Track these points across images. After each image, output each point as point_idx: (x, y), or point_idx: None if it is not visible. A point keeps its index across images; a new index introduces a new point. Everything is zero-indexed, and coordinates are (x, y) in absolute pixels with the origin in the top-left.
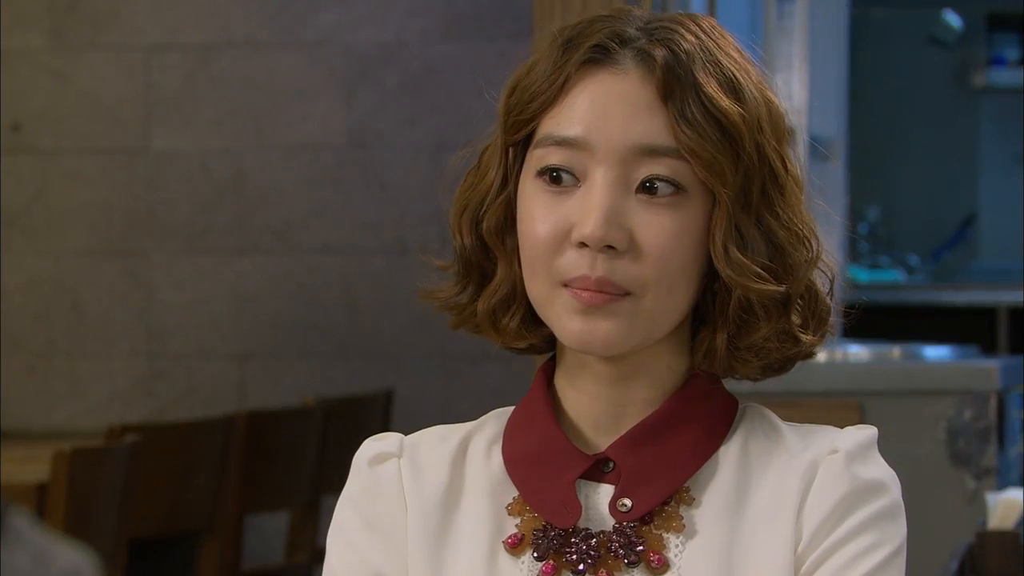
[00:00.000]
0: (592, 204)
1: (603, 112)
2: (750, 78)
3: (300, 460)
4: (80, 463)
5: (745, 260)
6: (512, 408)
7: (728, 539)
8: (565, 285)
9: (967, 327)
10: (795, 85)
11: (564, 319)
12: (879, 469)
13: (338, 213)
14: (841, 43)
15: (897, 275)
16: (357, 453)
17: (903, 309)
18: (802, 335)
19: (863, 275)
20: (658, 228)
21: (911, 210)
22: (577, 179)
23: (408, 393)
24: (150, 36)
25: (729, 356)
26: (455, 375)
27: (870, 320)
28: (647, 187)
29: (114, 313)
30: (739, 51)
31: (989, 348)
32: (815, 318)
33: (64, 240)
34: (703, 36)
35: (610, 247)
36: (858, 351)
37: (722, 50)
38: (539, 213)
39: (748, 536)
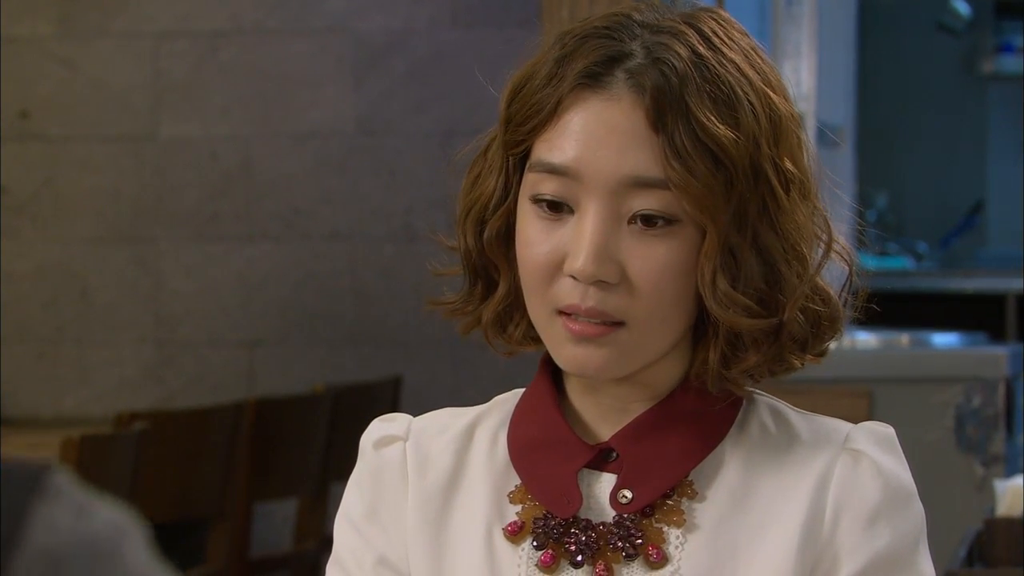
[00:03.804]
0: (583, 238)
1: (594, 141)
2: (751, 86)
3: (309, 447)
4: (89, 450)
5: (734, 293)
6: (521, 391)
7: (732, 535)
8: (560, 312)
9: (975, 314)
10: (804, 72)
11: (559, 346)
12: (907, 473)
13: (346, 200)
14: (849, 30)
15: (905, 262)
16: (365, 434)
17: (911, 296)
18: (795, 359)
19: (871, 262)
20: (651, 262)
21: (919, 197)
22: (571, 207)
23: (417, 380)
24: (158, 23)
25: (720, 377)
26: (464, 362)
27: (878, 307)
28: (640, 219)
29: (122, 300)
30: (743, 52)
31: (997, 335)
32: (816, 336)
33: (72, 227)
34: (702, 46)
35: (601, 280)
36: (867, 338)
37: (723, 57)
38: (535, 239)
39: (754, 531)
